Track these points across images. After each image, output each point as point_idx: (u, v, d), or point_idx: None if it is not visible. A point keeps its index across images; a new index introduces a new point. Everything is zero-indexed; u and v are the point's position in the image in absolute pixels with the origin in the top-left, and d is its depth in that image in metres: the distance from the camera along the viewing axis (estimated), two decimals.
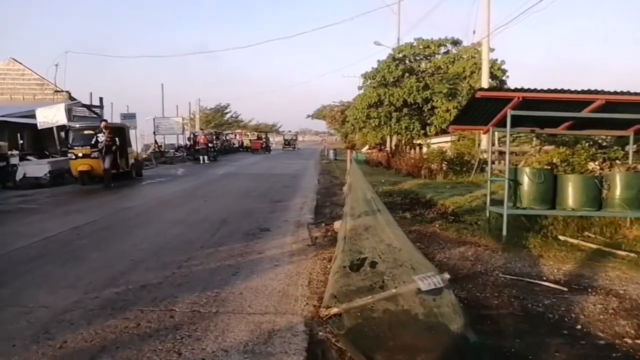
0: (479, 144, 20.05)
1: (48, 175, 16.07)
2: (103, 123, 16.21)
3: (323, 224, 8.86)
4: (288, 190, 14.74)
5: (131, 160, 17.89)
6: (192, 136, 32.49)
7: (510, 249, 6.45)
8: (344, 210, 7.19)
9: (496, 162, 17.57)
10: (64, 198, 13.21)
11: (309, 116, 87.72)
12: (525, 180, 7.15)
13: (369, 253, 4.62)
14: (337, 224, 8.12)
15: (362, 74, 34.92)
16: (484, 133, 14.38)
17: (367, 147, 35.94)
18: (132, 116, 34.04)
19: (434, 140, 28.42)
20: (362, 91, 35.63)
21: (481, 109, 7.67)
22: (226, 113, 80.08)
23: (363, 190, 6.64)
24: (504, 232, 7.01)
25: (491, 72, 30.02)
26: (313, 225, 8.85)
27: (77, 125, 17.21)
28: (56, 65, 28.72)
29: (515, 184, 7.26)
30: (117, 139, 15.97)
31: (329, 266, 5.50)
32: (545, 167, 7.49)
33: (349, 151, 14.57)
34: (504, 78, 30.45)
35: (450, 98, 27.06)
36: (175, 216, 9.70)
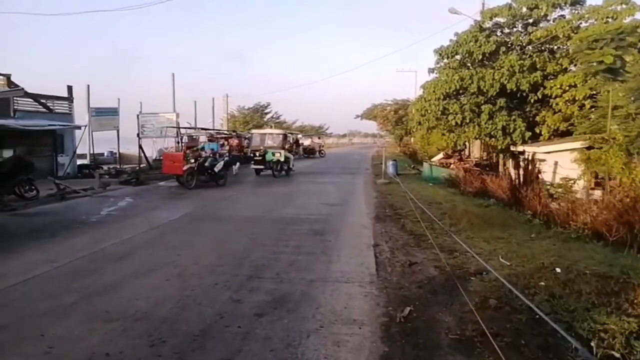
0: None
1: None
2: None
3: None
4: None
5: None
6: (184, 140, 22.10)
7: None
8: None
9: None
10: None
11: (357, 116, 77.97)
12: None
13: None
14: None
15: (435, 50, 23.88)
16: None
17: (440, 155, 24.80)
18: (110, 112, 24.53)
19: (544, 148, 17.46)
20: (434, 75, 24.54)
21: None
22: (266, 113, 71.00)
23: None
24: None
25: None
26: None
27: None
28: None
29: None
30: None
31: None
32: None
33: None
34: None
35: (606, 75, 15.58)
36: None
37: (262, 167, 21.39)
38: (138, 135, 23.45)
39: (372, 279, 5.94)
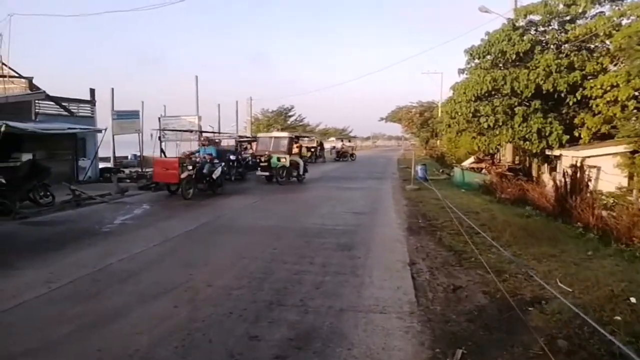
0: None
1: None
2: None
3: None
4: None
5: None
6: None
7: None
8: None
9: None
10: None
11: (382, 119, 77.25)
12: None
13: None
14: None
15: (465, 50, 22.82)
16: None
17: (471, 159, 23.67)
18: (131, 115, 24.17)
19: (583, 152, 16.26)
20: (464, 75, 23.49)
21: None
22: (290, 116, 70.92)
23: None
24: None
25: None
26: None
27: None
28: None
29: None
30: None
31: None
32: None
33: None
34: None
35: None
36: None
37: (267, 173, 19.16)
38: (160, 138, 23.00)
39: (412, 309, 5.08)
